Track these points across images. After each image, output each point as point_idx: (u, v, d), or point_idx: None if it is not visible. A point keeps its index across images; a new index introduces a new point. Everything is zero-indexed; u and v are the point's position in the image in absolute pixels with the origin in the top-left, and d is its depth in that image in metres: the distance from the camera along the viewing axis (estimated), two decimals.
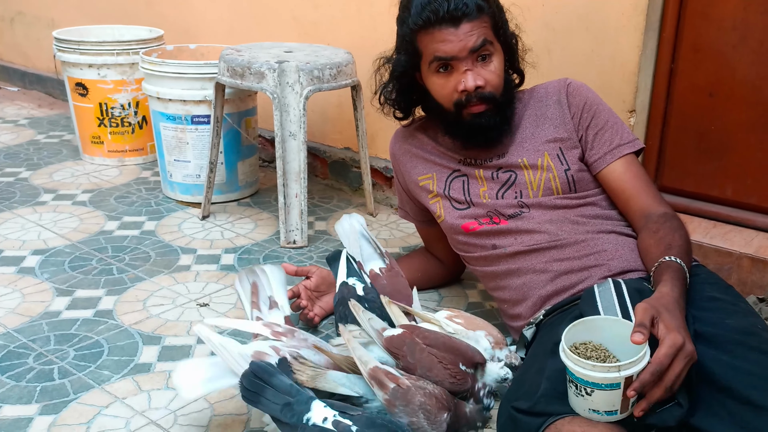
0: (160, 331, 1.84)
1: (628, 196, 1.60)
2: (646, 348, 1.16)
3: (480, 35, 1.57)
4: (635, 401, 1.18)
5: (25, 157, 3.14)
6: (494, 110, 1.63)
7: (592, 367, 1.15)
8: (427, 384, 1.39)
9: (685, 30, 1.97)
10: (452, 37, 1.56)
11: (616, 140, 1.63)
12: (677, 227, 1.49)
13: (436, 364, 1.42)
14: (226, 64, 2.29)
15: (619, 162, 1.62)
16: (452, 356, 1.44)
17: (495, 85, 1.62)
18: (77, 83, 2.96)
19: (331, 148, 2.88)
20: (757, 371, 1.20)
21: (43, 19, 4.09)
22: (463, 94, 1.60)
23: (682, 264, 1.37)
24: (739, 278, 1.88)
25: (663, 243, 1.45)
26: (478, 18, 1.56)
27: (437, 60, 1.60)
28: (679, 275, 1.34)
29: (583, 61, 2.11)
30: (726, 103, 1.96)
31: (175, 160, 2.63)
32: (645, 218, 1.55)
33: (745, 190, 2.00)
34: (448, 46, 1.57)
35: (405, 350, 1.45)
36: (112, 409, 1.54)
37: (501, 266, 1.64)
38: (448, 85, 1.62)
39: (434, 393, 1.37)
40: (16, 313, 1.90)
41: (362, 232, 1.84)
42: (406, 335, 1.48)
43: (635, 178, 1.61)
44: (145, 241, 2.35)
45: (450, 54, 1.58)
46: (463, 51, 1.57)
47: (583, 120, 1.66)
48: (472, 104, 1.61)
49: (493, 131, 1.66)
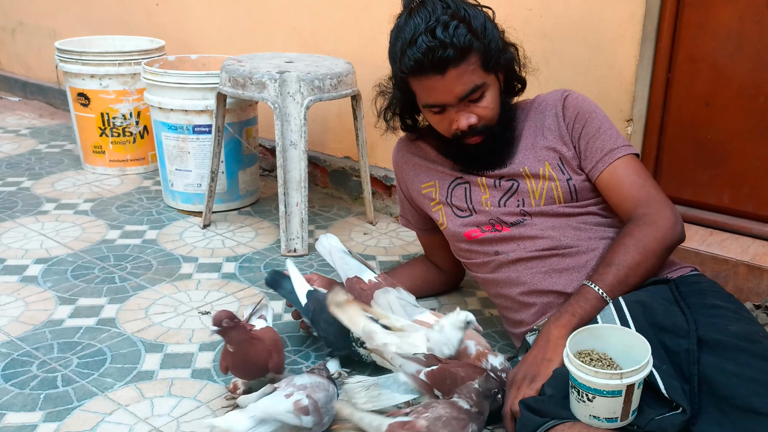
0: (162, 339, 1.85)
1: (617, 202, 1.60)
2: (649, 357, 1.17)
3: (468, 82, 1.55)
4: (636, 410, 1.19)
5: (27, 167, 3.15)
6: (491, 138, 1.65)
7: (595, 374, 1.16)
8: (437, 408, 1.38)
9: (681, 40, 2.00)
10: (439, 85, 1.55)
11: (607, 146, 1.62)
12: (638, 240, 1.48)
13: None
14: (228, 75, 2.31)
15: (610, 168, 1.61)
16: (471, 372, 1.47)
17: (489, 118, 1.62)
18: (79, 93, 2.98)
19: (331, 157, 2.90)
20: (760, 378, 1.21)
21: (45, 30, 4.11)
22: (458, 131, 1.62)
23: (599, 291, 1.44)
24: (736, 285, 1.90)
25: (606, 256, 1.50)
26: (465, 61, 1.52)
27: (428, 106, 1.62)
28: (581, 303, 1.44)
29: (581, 71, 2.13)
30: (722, 111, 1.98)
31: (177, 170, 2.65)
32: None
33: (742, 198, 2.02)
34: (436, 96, 1.57)
35: (448, 384, 1.45)
36: (115, 416, 1.56)
37: (503, 273, 1.65)
38: (443, 123, 1.64)
39: (452, 415, 1.37)
40: (19, 322, 1.92)
41: (343, 249, 1.87)
42: (442, 369, 1.47)
43: (622, 183, 1.59)
44: (147, 249, 2.37)
45: (439, 102, 1.59)
46: (452, 99, 1.57)
47: (575, 131, 1.66)
48: (469, 138, 1.63)
49: (493, 156, 1.68)
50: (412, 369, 1.48)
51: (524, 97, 1.79)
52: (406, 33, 1.54)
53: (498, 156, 1.69)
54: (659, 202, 1.55)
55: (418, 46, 1.51)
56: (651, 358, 1.17)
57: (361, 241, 2.48)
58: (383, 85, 1.76)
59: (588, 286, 1.45)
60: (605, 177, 1.61)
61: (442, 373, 1.46)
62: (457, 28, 1.50)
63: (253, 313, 1.73)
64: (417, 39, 1.51)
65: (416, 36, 1.51)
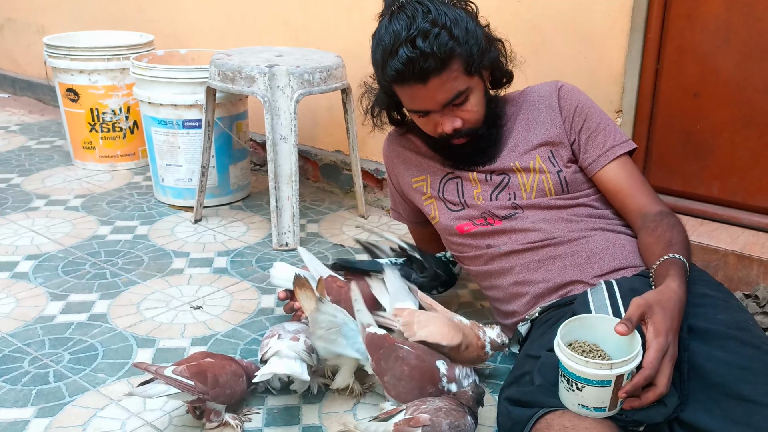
0: (154, 334, 1.85)
1: (624, 196, 1.62)
2: (639, 349, 1.18)
3: (451, 89, 1.54)
4: (624, 401, 1.20)
5: (17, 164, 3.14)
6: (477, 139, 1.65)
7: (585, 363, 1.17)
8: (434, 402, 1.41)
9: (669, 31, 2.00)
10: (422, 93, 1.54)
11: (609, 142, 1.64)
12: (675, 224, 1.51)
13: (405, 377, 1.47)
14: (217, 69, 2.30)
15: (613, 163, 1.63)
16: (421, 373, 1.48)
17: (474, 121, 1.62)
18: (68, 89, 2.96)
19: (322, 151, 2.90)
20: (749, 366, 1.22)
21: (33, 25, 4.09)
22: (443, 133, 1.62)
23: (684, 261, 1.38)
24: (726, 275, 1.91)
25: (663, 240, 1.46)
26: (447, 69, 1.50)
27: (412, 111, 1.62)
28: (683, 272, 1.35)
29: (570, 62, 2.14)
30: (711, 102, 1.99)
31: (167, 165, 2.65)
32: (642, 217, 1.57)
33: (731, 188, 2.03)
34: (418, 103, 1.58)
35: (381, 353, 1.49)
36: (107, 411, 1.56)
37: (495, 265, 1.66)
38: (428, 125, 1.64)
39: (449, 406, 1.39)
40: (10, 318, 1.91)
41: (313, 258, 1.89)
42: (386, 338, 1.51)
43: (630, 178, 1.62)
44: (138, 245, 2.36)
45: (422, 109, 1.59)
46: (435, 106, 1.57)
47: (575, 123, 1.67)
48: (455, 139, 1.64)
49: (480, 154, 1.69)
50: (365, 321, 1.54)
51: (513, 88, 1.79)
52: (386, 41, 1.52)
53: (484, 155, 1.69)
54: (662, 201, 1.60)
55: (399, 56, 1.49)
56: (641, 350, 1.18)
57: (352, 234, 2.48)
58: (368, 83, 1.76)
59: (667, 258, 1.40)
60: (608, 171, 1.63)
61: (381, 340, 1.51)
62: (437, 37, 1.48)
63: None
64: (398, 49, 1.49)
65: (396, 46, 1.49)
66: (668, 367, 1.17)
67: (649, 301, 1.22)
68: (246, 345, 1.81)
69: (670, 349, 1.18)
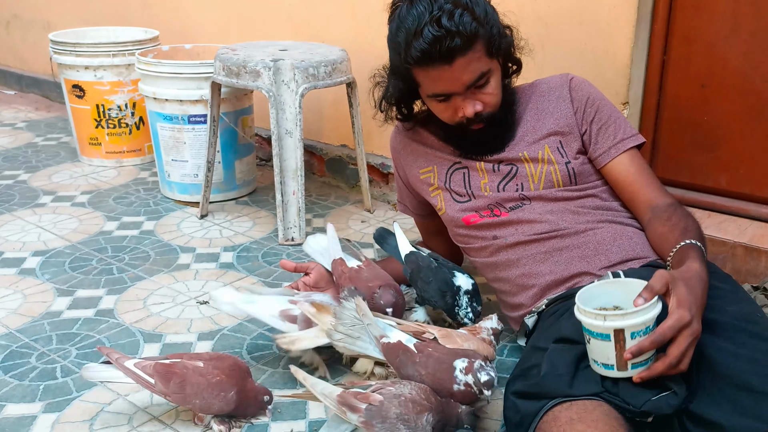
0: (161, 329, 1.85)
1: (634, 189, 1.62)
2: (645, 309, 1.16)
3: (475, 70, 1.55)
4: (636, 366, 1.18)
5: (24, 160, 3.15)
6: (495, 123, 1.65)
7: (584, 313, 1.19)
8: (403, 387, 1.38)
9: (676, 22, 1.99)
10: (447, 74, 1.54)
11: (620, 134, 1.64)
12: (687, 215, 1.51)
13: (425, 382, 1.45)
14: (222, 64, 2.30)
15: (623, 155, 1.63)
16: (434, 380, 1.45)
17: (494, 104, 1.62)
18: (74, 85, 2.97)
19: (328, 145, 2.90)
20: (757, 357, 1.22)
21: (39, 22, 4.10)
22: (463, 118, 1.62)
23: (701, 247, 1.38)
24: (734, 267, 1.90)
25: (678, 228, 1.46)
26: (471, 49, 1.51)
27: (433, 95, 1.61)
28: (703, 257, 1.34)
29: (577, 54, 2.13)
30: (718, 93, 1.98)
31: (173, 160, 2.65)
32: (652, 209, 1.57)
33: (739, 179, 2.02)
34: (443, 85, 1.57)
35: (398, 362, 1.48)
36: (114, 406, 1.56)
37: (501, 256, 1.66)
38: (447, 111, 1.63)
39: (412, 397, 1.35)
40: (18, 314, 1.92)
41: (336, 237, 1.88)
42: (400, 346, 1.50)
43: (639, 170, 1.62)
44: (145, 240, 2.37)
45: (446, 91, 1.58)
46: (459, 87, 1.56)
47: (587, 115, 1.67)
48: (474, 124, 1.63)
49: (495, 140, 1.69)
50: (376, 333, 1.53)
51: (521, 81, 1.78)
52: (409, 23, 1.52)
53: (499, 140, 1.69)
54: (670, 194, 1.60)
55: (424, 36, 1.49)
56: (652, 312, 1.16)
57: (358, 229, 2.48)
58: (379, 75, 1.76)
59: (684, 244, 1.39)
60: (618, 163, 1.63)
61: (396, 348, 1.50)
62: (462, 16, 1.49)
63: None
64: (422, 29, 1.49)
65: (421, 26, 1.49)
66: (686, 340, 1.13)
67: (674, 275, 1.21)
68: (252, 340, 1.81)
69: (693, 324, 1.14)
